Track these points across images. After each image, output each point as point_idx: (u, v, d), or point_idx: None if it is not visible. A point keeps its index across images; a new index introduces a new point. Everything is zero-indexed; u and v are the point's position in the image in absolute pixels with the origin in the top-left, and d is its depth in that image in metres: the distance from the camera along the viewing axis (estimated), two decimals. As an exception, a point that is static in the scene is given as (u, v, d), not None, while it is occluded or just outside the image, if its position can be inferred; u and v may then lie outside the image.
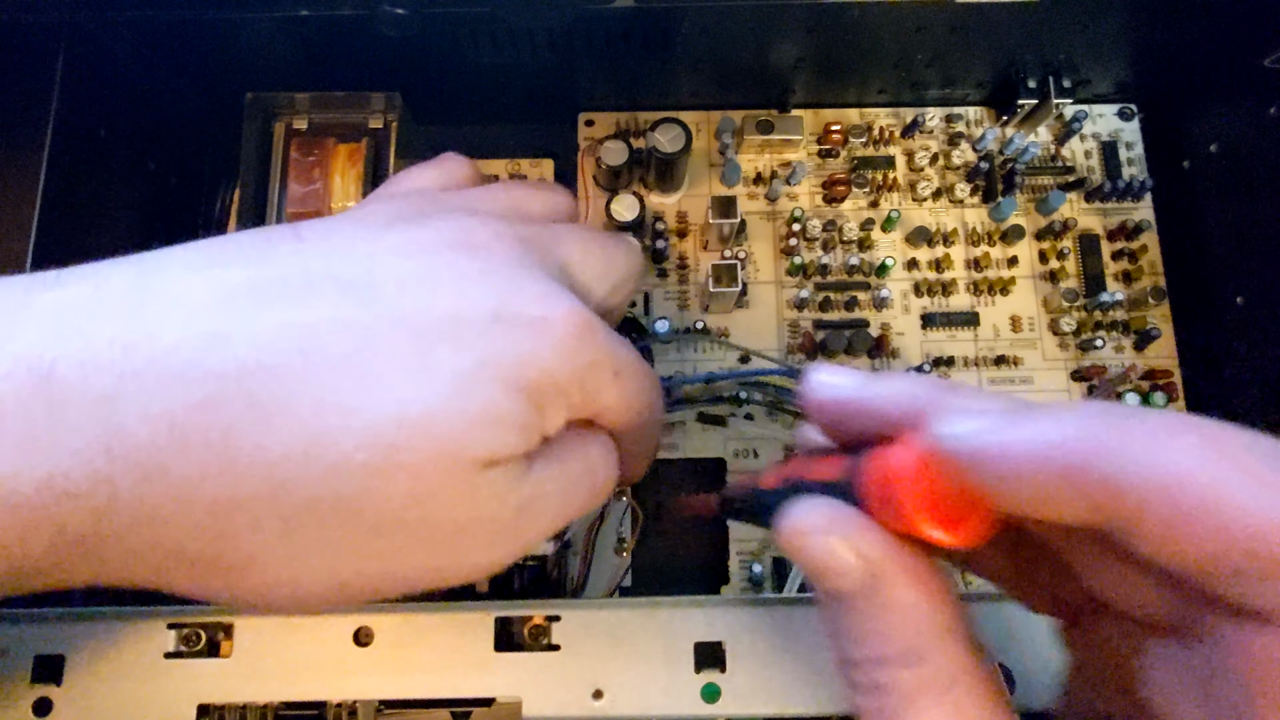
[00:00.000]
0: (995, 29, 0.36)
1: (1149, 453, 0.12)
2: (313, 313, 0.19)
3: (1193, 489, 0.11)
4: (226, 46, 0.35)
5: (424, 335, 0.19)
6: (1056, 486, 0.13)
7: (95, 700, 0.25)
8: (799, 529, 0.17)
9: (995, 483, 0.14)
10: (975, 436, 0.14)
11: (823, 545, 0.16)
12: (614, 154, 0.39)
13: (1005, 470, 0.13)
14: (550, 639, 0.26)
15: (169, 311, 0.18)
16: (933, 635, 0.15)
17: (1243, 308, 0.37)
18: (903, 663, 0.15)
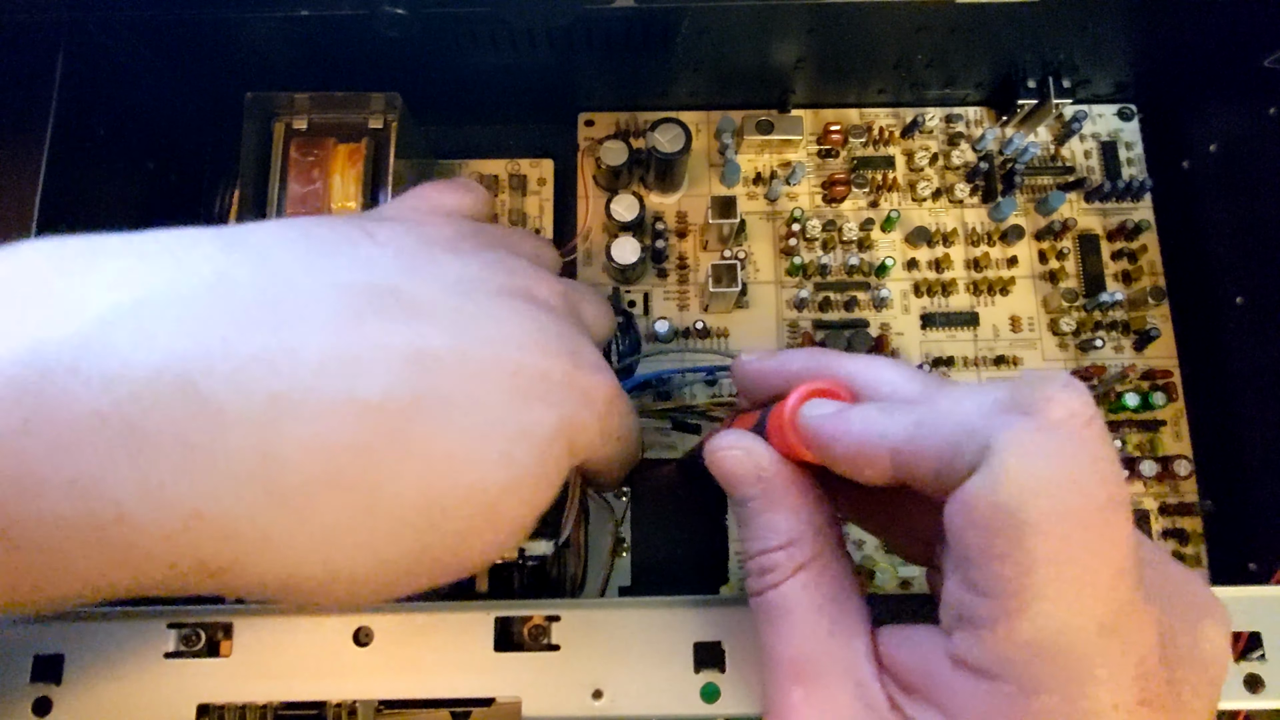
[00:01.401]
0: (995, 29, 0.36)
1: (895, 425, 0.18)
2: (428, 340, 0.19)
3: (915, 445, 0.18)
4: (226, 46, 0.35)
5: (522, 390, 0.20)
6: (848, 455, 0.19)
7: (95, 700, 0.25)
8: (715, 446, 0.22)
9: (822, 450, 0.20)
10: (814, 421, 0.20)
11: (731, 456, 0.21)
12: (614, 154, 0.39)
13: (826, 445, 0.20)
14: (550, 639, 0.26)
15: (301, 320, 0.17)
16: (803, 526, 0.20)
17: (1243, 308, 0.37)
18: (781, 546, 0.20)
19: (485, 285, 0.21)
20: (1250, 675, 0.25)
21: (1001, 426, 0.16)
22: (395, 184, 0.36)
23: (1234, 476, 0.37)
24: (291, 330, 0.17)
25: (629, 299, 0.40)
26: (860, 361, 0.22)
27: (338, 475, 0.17)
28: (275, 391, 0.16)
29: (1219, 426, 0.38)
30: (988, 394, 0.17)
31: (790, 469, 0.21)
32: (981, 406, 0.17)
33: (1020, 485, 0.15)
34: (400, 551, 0.19)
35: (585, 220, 0.41)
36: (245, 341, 0.16)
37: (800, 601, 0.20)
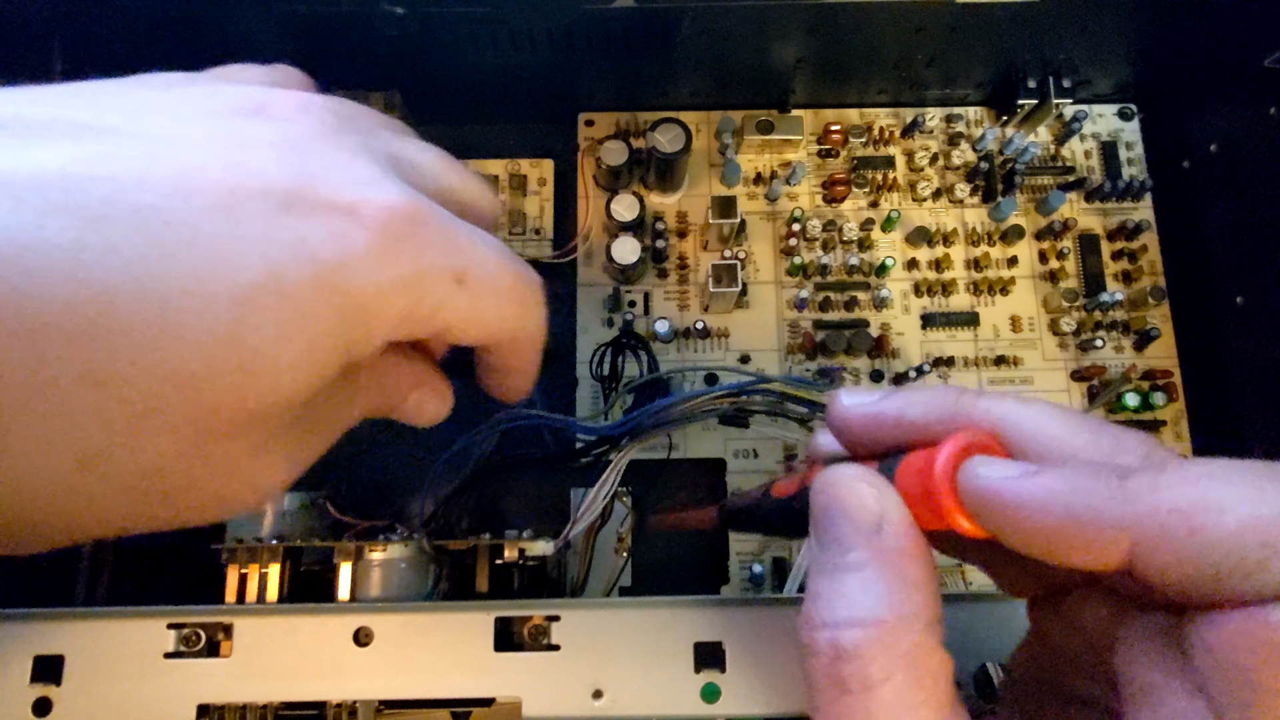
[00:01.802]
0: (995, 29, 0.36)
1: (1140, 504, 0.14)
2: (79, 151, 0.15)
3: (1183, 535, 0.13)
4: (225, 44, 0.35)
5: (188, 223, 0.15)
6: (1058, 538, 0.14)
7: (95, 700, 0.25)
8: (839, 477, 0.17)
9: (1005, 524, 0.15)
10: (998, 483, 0.15)
11: (859, 491, 0.17)
12: (614, 154, 0.39)
13: (1015, 518, 0.15)
14: (550, 639, 0.26)
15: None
16: (910, 606, 0.16)
17: (1243, 308, 0.37)
18: (875, 623, 0.15)
19: (184, 112, 0.17)
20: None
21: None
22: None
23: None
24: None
25: (629, 299, 0.40)
26: (1011, 405, 0.17)
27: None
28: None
29: (1219, 426, 0.38)
30: (1269, 501, 0.13)
31: (919, 534, 0.17)
32: (1267, 518, 0.13)
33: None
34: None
35: (585, 220, 0.41)
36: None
37: (903, 713, 0.15)
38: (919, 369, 0.39)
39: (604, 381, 0.37)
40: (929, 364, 0.39)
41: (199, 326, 0.14)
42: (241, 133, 0.16)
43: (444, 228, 0.17)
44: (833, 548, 0.17)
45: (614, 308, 0.40)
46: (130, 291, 0.14)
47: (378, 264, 0.16)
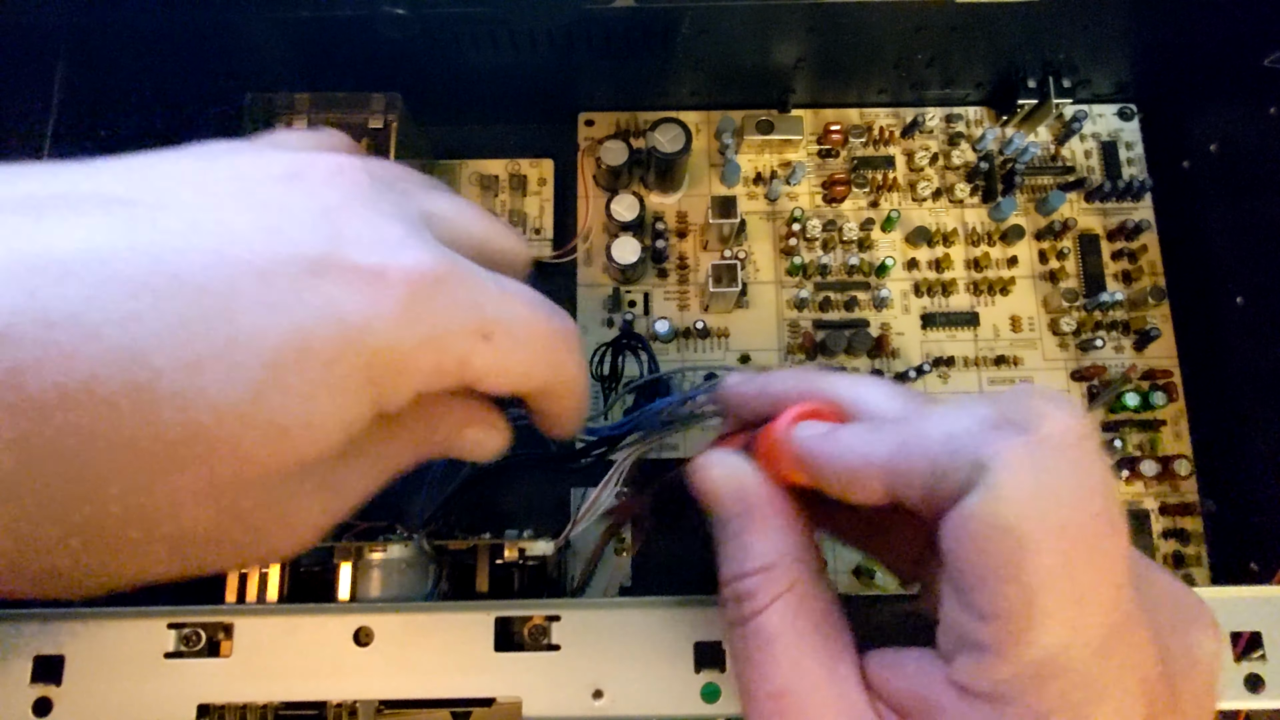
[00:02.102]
0: (995, 29, 0.36)
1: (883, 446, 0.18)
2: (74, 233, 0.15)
3: (911, 463, 0.17)
4: (226, 47, 0.35)
5: (225, 291, 0.15)
6: (842, 480, 0.19)
7: (95, 700, 0.25)
8: (700, 465, 0.22)
9: (813, 472, 0.19)
10: (805, 442, 0.19)
11: (714, 475, 0.21)
12: (614, 154, 0.39)
13: (816, 467, 0.19)
14: (550, 639, 0.26)
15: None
16: (782, 550, 0.20)
17: (1243, 308, 0.37)
18: (758, 570, 0.19)
19: (218, 178, 0.18)
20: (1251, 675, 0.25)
21: (995, 444, 0.16)
22: (395, 184, 0.36)
23: (1234, 476, 0.37)
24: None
25: (629, 299, 0.40)
26: (845, 380, 0.21)
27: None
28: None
29: (1219, 426, 0.38)
30: (976, 411, 0.17)
31: (774, 492, 0.20)
32: (971, 424, 0.17)
33: (1019, 503, 0.15)
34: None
35: (585, 220, 0.41)
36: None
37: (781, 631, 0.19)
38: (919, 369, 0.39)
39: (604, 382, 0.37)
40: (929, 364, 0.39)
41: (229, 389, 0.15)
42: (278, 200, 0.17)
43: (471, 285, 0.18)
44: (718, 523, 0.21)
45: (614, 308, 0.40)
46: (165, 357, 0.15)
47: (404, 324, 0.16)
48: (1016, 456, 0.16)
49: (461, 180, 0.42)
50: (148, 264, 0.15)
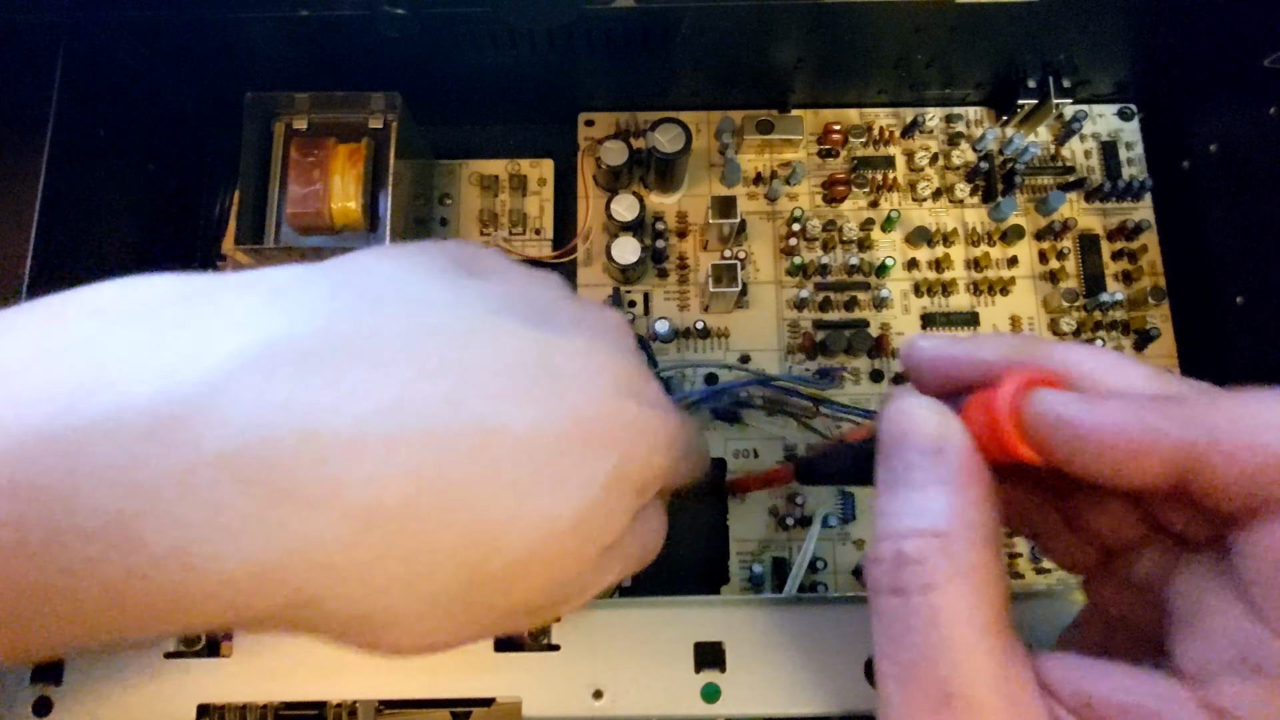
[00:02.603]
0: (995, 29, 0.36)
1: (1197, 421, 0.16)
2: (516, 390, 0.19)
3: (1237, 446, 0.15)
4: (226, 47, 0.35)
5: (579, 434, 0.20)
6: (1118, 455, 0.16)
7: (95, 700, 0.25)
8: (904, 404, 0.19)
9: (1067, 447, 0.17)
10: (1057, 407, 0.17)
11: (920, 416, 0.18)
12: (614, 154, 0.39)
13: (1077, 440, 0.17)
14: (550, 639, 0.26)
15: (396, 364, 0.18)
16: (970, 520, 0.17)
17: (1243, 308, 0.37)
18: (936, 533, 0.17)
19: (572, 322, 0.22)
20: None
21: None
22: (395, 184, 0.36)
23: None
24: (392, 371, 0.18)
25: (629, 299, 0.40)
26: (1081, 350, 0.19)
27: (418, 505, 0.18)
28: (376, 428, 0.17)
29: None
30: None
31: (980, 456, 0.18)
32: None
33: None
34: (469, 583, 0.19)
35: (585, 220, 0.41)
36: (353, 383, 0.17)
37: (961, 616, 0.16)
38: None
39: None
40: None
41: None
42: (594, 358, 0.21)
43: (687, 430, 0.24)
44: (898, 468, 0.18)
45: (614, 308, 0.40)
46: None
47: (667, 460, 0.22)
48: None
49: (461, 180, 0.42)
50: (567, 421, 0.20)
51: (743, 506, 0.37)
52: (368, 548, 0.17)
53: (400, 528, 0.17)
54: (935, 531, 0.17)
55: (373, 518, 0.17)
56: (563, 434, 0.19)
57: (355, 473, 0.17)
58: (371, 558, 0.17)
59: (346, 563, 0.17)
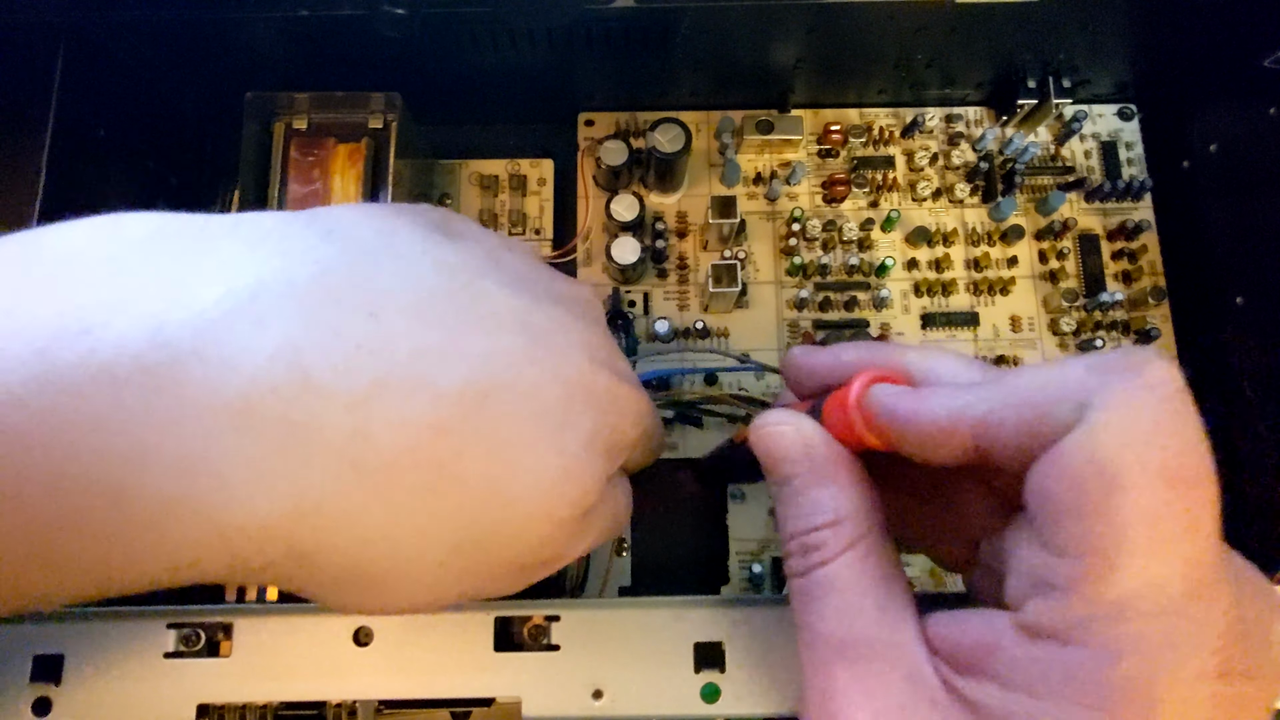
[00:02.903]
0: (995, 29, 0.36)
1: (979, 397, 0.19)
2: (501, 341, 0.20)
3: (1011, 407, 0.18)
4: (226, 46, 0.35)
5: (573, 395, 0.21)
6: (925, 436, 0.19)
7: (95, 700, 0.25)
8: (764, 423, 0.22)
9: (893, 432, 0.20)
10: (887, 399, 0.20)
11: (779, 432, 0.21)
12: (614, 154, 0.39)
13: (897, 426, 0.20)
14: (550, 639, 0.26)
15: (395, 312, 0.18)
16: (853, 503, 0.20)
17: (1243, 308, 0.37)
18: (829, 524, 0.20)
19: (546, 291, 0.22)
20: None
21: (1101, 385, 0.16)
22: (395, 184, 0.36)
23: (1234, 476, 0.37)
24: (387, 321, 0.18)
25: (629, 299, 0.40)
26: (918, 351, 0.22)
27: (415, 455, 0.18)
28: (375, 378, 0.17)
29: (1219, 426, 0.38)
30: (1080, 360, 0.17)
31: (840, 448, 0.21)
32: (1076, 370, 0.17)
33: (1120, 440, 0.16)
34: (461, 536, 0.19)
35: (585, 220, 0.41)
36: (351, 328, 0.17)
37: (849, 579, 0.19)
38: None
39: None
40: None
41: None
42: (582, 327, 0.23)
43: (655, 414, 0.26)
44: (780, 479, 0.21)
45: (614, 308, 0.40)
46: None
47: (637, 431, 0.24)
48: (1120, 397, 0.16)
49: (461, 180, 0.42)
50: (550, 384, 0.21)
51: (743, 506, 0.37)
52: (362, 496, 0.17)
53: (393, 478, 0.17)
54: (824, 523, 0.20)
55: (367, 466, 0.17)
56: (546, 393, 0.20)
57: (350, 421, 0.17)
58: (365, 505, 0.17)
59: (341, 511, 0.17)
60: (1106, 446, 0.16)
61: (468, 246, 0.22)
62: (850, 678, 0.18)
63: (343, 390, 0.17)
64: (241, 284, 0.17)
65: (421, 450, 0.18)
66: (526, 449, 0.19)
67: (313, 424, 0.16)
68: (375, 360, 0.17)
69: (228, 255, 0.17)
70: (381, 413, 0.17)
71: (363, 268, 0.18)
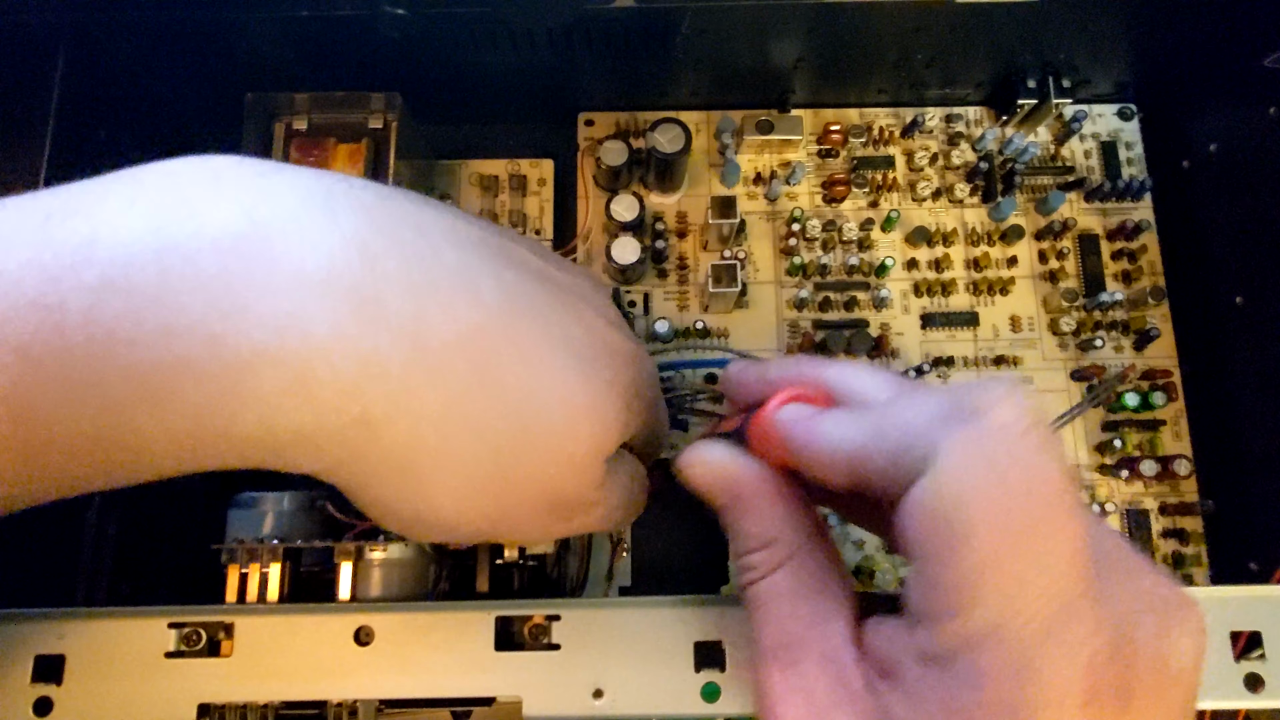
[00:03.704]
0: (995, 29, 0.36)
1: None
2: (538, 265, 0.23)
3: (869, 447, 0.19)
4: (226, 47, 0.35)
5: (600, 338, 0.23)
6: (813, 462, 0.20)
7: (96, 700, 0.25)
8: (687, 462, 0.24)
9: (792, 454, 0.21)
10: (784, 425, 0.21)
11: (696, 474, 0.23)
12: (614, 154, 0.39)
13: (794, 449, 0.21)
14: (550, 638, 0.26)
15: (441, 237, 0.21)
16: (778, 528, 0.22)
17: (1243, 308, 0.37)
18: (758, 549, 0.22)
19: (559, 264, 0.25)
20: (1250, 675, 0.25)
21: (942, 434, 0.17)
22: (395, 184, 0.36)
23: (1234, 476, 0.37)
24: (433, 239, 0.21)
25: (629, 299, 0.40)
26: (836, 367, 0.23)
27: (464, 347, 0.20)
28: (428, 277, 0.20)
29: (1219, 426, 0.38)
30: (930, 402, 0.18)
31: (763, 474, 0.22)
32: (924, 415, 0.18)
33: (957, 494, 0.17)
34: (500, 441, 0.21)
35: (585, 220, 0.41)
36: (405, 237, 0.20)
37: (778, 593, 0.21)
38: (918, 369, 0.39)
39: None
40: (928, 364, 0.39)
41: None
42: (606, 295, 0.27)
43: (660, 388, 0.28)
44: (720, 509, 0.23)
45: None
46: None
47: (644, 398, 0.25)
48: (959, 447, 0.17)
49: (461, 180, 0.42)
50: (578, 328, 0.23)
51: (743, 506, 0.37)
52: (421, 372, 0.19)
53: (445, 361, 0.20)
54: (755, 547, 0.22)
55: (425, 344, 0.19)
56: (572, 331, 0.22)
57: (411, 306, 0.19)
58: (423, 382, 0.19)
59: (404, 381, 0.19)
60: (946, 498, 0.17)
61: (486, 222, 0.24)
62: (782, 679, 0.20)
63: (404, 278, 0.19)
64: (314, 189, 0.19)
65: (469, 344, 0.20)
66: (556, 372, 0.21)
67: (380, 300, 0.19)
68: (426, 264, 0.20)
69: (297, 173, 0.20)
70: (435, 303, 0.20)
71: (406, 204, 0.21)
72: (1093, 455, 0.39)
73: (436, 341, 0.19)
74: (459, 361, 0.20)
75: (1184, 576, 0.37)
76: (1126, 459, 0.38)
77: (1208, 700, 0.25)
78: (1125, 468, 0.38)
